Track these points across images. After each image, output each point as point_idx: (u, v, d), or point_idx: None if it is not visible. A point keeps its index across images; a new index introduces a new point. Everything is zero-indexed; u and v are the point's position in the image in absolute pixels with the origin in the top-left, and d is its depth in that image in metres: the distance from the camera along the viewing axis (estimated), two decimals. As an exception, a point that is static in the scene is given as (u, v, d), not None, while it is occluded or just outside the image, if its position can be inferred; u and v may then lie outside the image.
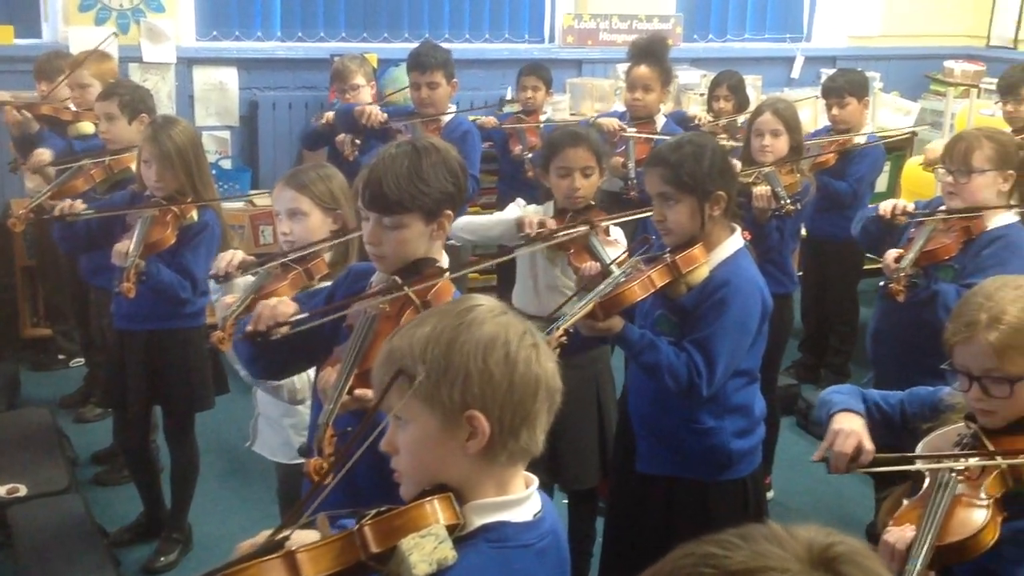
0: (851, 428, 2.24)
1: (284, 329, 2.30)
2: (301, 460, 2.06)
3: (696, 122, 5.45)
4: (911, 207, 3.53)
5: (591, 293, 2.80)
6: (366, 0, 6.73)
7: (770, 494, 4.25)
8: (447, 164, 2.30)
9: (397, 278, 2.27)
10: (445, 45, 5.30)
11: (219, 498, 4.23)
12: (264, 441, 3.23)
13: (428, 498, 1.52)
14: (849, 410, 2.29)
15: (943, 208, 3.41)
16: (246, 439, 3.33)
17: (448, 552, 1.47)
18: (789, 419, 4.88)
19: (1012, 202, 3.36)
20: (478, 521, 1.54)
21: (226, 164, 6.26)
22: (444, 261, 2.36)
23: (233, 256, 2.90)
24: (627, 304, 2.77)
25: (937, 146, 4.91)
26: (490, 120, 5.62)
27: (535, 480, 1.62)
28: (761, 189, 4.19)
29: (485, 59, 6.82)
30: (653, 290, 2.78)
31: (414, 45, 5.04)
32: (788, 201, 4.17)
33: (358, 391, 2.10)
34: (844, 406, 2.29)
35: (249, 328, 2.33)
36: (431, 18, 6.87)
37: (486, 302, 1.60)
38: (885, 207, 3.53)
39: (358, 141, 4.96)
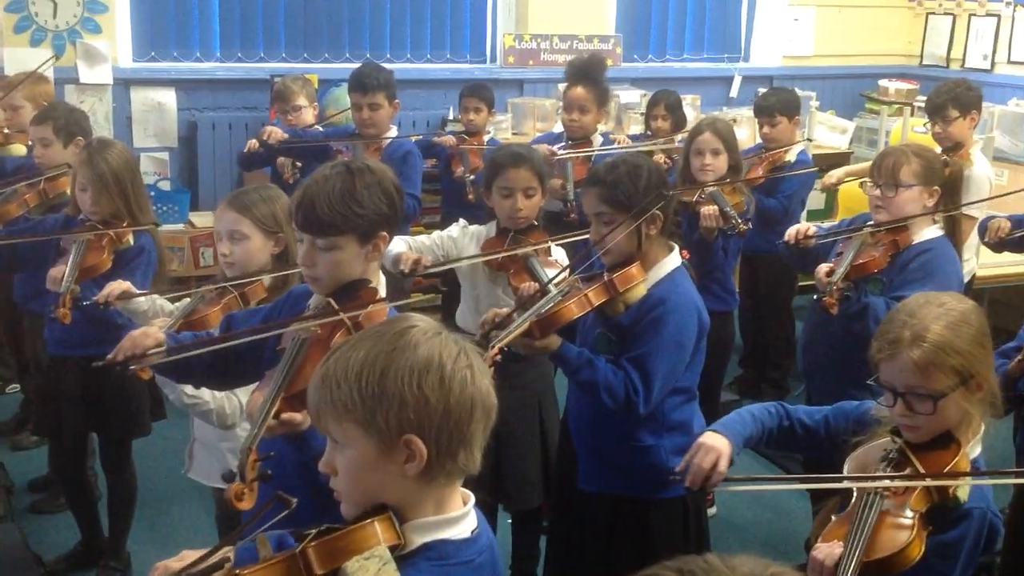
0: (713, 445, 2.29)
1: (146, 361, 2.29)
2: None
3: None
4: (813, 230, 3.62)
5: (528, 311, 2.81)
6: (307, 20, 6.71)
7: (712, 510, 4.27)
8: (382, 185, 2.29)
9: (332, 301, 2.25)
10: (387, 65, 5.30)
11: (158, 525, 4.17)
12: (201, 466, 3.20)
13: (369, 519, 1.52)
14: (718, 431, 2.33)
15: (871, 224, 3.47)
16: (184, 465, 3.28)
17: (392, 573, 1.48)
18: (731, 435, 4.91)
19: (935, 218, 3.44)
20: (419, 540, 1.54)
21: (165, 186, 6.20)
22: (380, 282, 2.35)
23: (114, 288, 2.96)
24: (563, 322, 2.79)
25: (837, 172, 5.06)
26: (449, 139, 5.61)
27: (472, 497, 1.63)
28: (709, 208, 4.24)
29: (427, 79, 6.84)
30: (590, 308, 2.80)
31: (355, 65, 5.03)
32: (740, 220, 4.23)
33: (285, 415, 2.08)
34: (716, 426, 2.34)
35: (109, 356, 2.32)
36: (372, 38, 6.87)
37: (420, 322, 1.59)
38: (789, 234, 3.64)
39: (299, 164, 4.93)
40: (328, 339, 2.19)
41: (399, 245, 3.39)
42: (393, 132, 4.79)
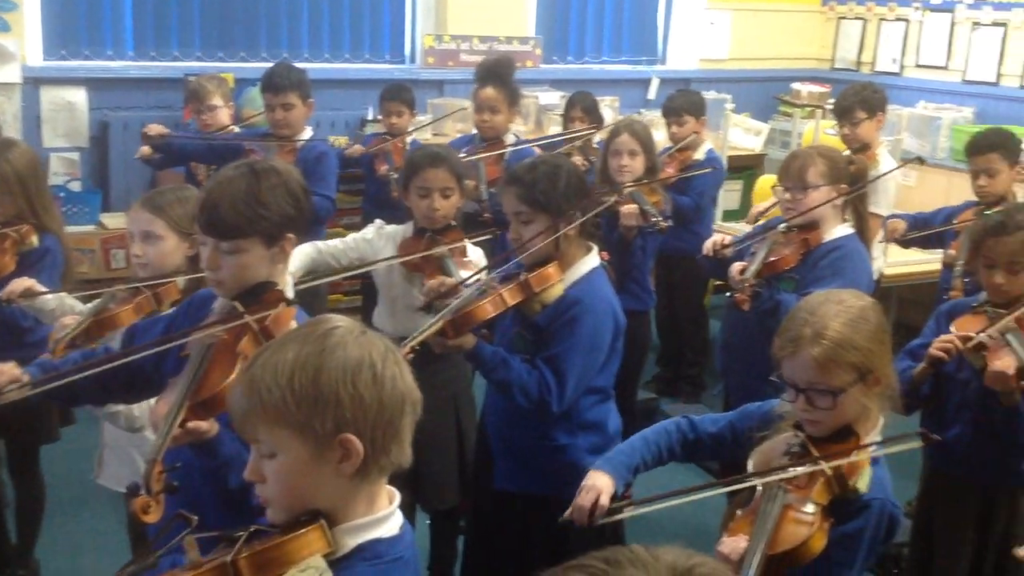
0: (593, 484, 2.34)
1: (12, 395, 2.23)
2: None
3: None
4: (728, 239, 3.67)
5: (444, 311, 2.81)
6: (222, 18, 6.63)
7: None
8: (287, 186, 2.26)
9: (237, 304, 2.22)
10: (304, 65, 5.25)
11: (68, 532, 4.08)
12: (111, 472, 3.14)
13: (302, 530, 1.51)
14: (599, 469, 2.39)
15: (783, 226, 3.53)
16: (94, 471, 3.22)
17: None
18: (649, 433, 4.96)
19: (845, 216, 3.51)
20: (352, 543, 1.55)
21: (75, 187, 6.06)
22: (287, 284, 2.33)
23: (16, 285, 2.90)
24: (477, 322, 2.79)
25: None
26: (357, 149, 5.59)
27: (397, 495, 1.64)
28: (629, 208, 4.28)
29: (346, 79, 6.80)
30: (504, 308, 2.82)
31: (272, 64, 4.98)
32: (660, 219, 4.28)
33: (191, 424, 2.04)
34: (601, 466, 2.40)
35: None
36: (290, 37, 6.81)
37: (343, 323, 1.59)
38: (707, 247, 3.67)
39: (212, 165, 4.87)
40: (234, 344, 2.16)
41: (308, 250, 3.36)
42: (308, 133, 4.75)
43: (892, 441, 2.21)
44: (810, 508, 2.10)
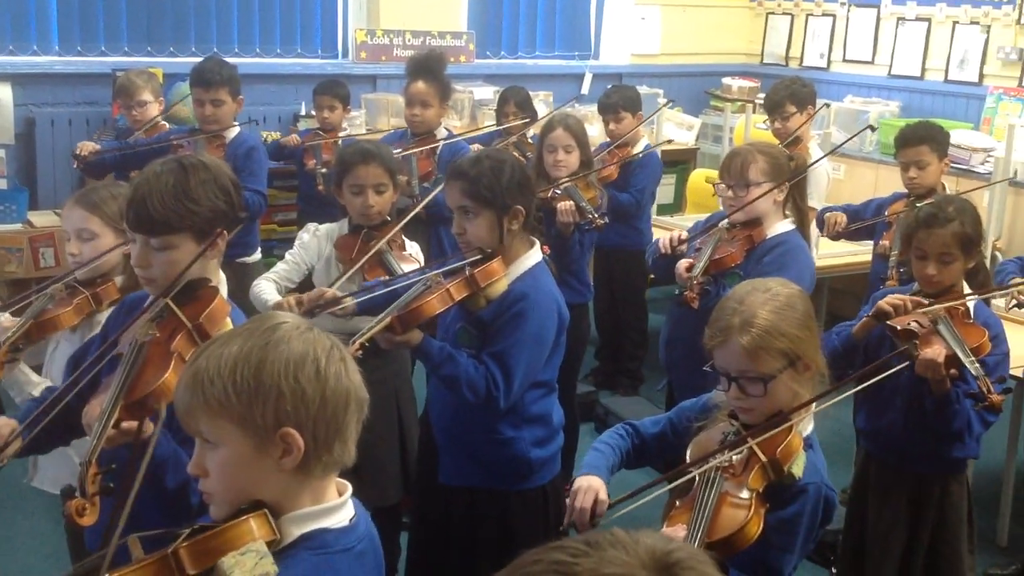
0: (588, 485, 2.33)
1: (13, 448, 2.19)
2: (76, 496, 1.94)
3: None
4: (684, 235, 3.68)
5: (391, 307, 2.80)
6: (150, 12, 6.51)
7: (571, 500, 4.33)
8: (217, 181, 2.23)
9: (170, 302, 2.17)
10: (235, 60, 5.19)
11: (3, 536, 3.99)
12: (46, 475, 3.07)
13: (243, 517, 1.51)
14: (586, 473, 2.37)
15: (725, 222, 3.57)
16: (27, 474, 3.15)
17: (270, 567, 1.47)
18: (588, 425, 5.00)
19: (786, 212, 3.56)
20: (297, 531, 1.54)
21: (1, 184, 5.91)
22: (220, 281, 2.30)
23: None
24: (425, 317, 2.79)
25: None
26: (293, 139, 5.53)
27: (348, 487, 1.63)
28: (565, 204, 4.30)
29: (277, 74, 6.73)
30: (451, 303, 2.81)
31: (202, 59, 4.91)
32: (597, 215, 4.30)
33: (125, 424, 2.01)
34: (585, 471, 2.39)
35: None
36: (219, 32, 6.72)
37: (289, 319, 1.59)
38: (664, 244, 3.65)
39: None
40: (168, 342, 2.12)
41: (264, 288, 3.35)
42: (236, 128, 4.71)
43: (822, 397, 2.25)
44: (745, 494, 2.13)
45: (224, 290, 2.31)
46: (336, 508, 1.59)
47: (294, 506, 1.55)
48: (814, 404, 2.28)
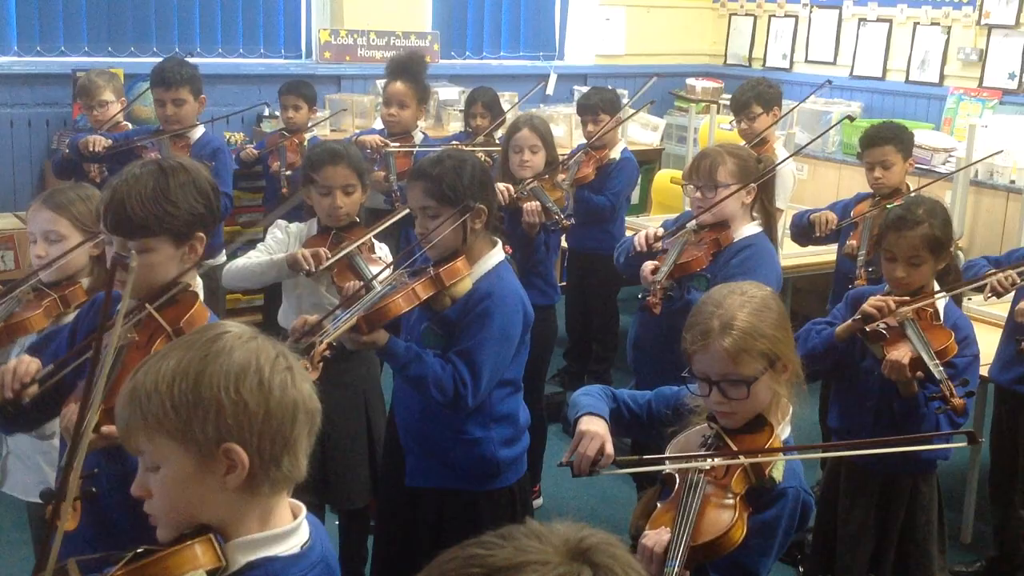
0: (595, 431, 2.28)
1: (32, 389, 2.15)
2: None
3: None
4: (660, 231, 3.65)
5: (355, 306, 2.78)
6: (110, 12, 6.43)
7: (538, 502, 4.33)
8: (196, 184, 2.21)
9: (148, 304, 2.16)
10: (196, 60, 5.14)
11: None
12: (16, 480, 3.02)
13: (187, 542, 1.44)
14: (593, 413, 2.33)
15: (692, 224, 3.57)
16: (-3, 478, 3.10)
17: None
18: (556, 426, 4.99)
19: (754, 214, 3.57)
20: (243, 559, 1.48)
21: (-41, 187, 5.83)
22: (198, 286, 2.27)
23: None
24: (391, 317, 2.77)
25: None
26: (251, 152, 5.49)
27: (303, 509, 1.58)
28: (531, 205, 4.29)
29: (240, 75, 6.67)
30: (417, 303, 2.80)
31: (163, 59, 4.87)
32: (563, 216, 4.29)
33: (105, 428, 1.97)
34: (588, 409, 2.34)
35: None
36: (181, 31, 6.65)
37: (234, 328, 1.53)
38: (640, 242, 3.62)
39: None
40: (147, 346, 2.11)
41: (253, 256, 3.34)
42: (200, 129, 4.67)
43: (808, 448, 2.25)
44: (730, 498, 2.12)
45: (202, 294, 2.29)
46: (287, 534, 1.52)
47: (242, 529, 1.49)
48: (790, 408, 2.28)
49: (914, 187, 4.53)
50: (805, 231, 4.48)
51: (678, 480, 2.18)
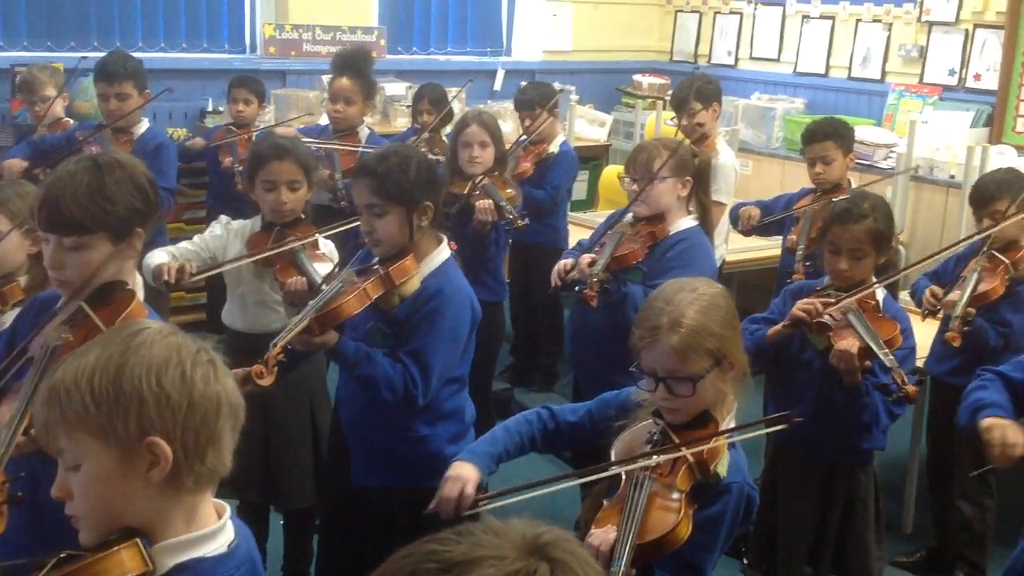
0: (458, 475, 2.31)
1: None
2: None
3: None
4: (571, 262, 3.64)
5: (307, 307, 2.76)
6: (50, 6, 6.32)
7: (486, 497, 4.32)
8: (134, 180, 2.18)
9: (84, 305, 2.12)
10: (140, 55, 5.08)
11: None
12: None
13: (113, 548, 1.42)
14: (463, 460, 2.36)
15: (629, 217, 3.60)
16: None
17: None
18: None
19: (690, 208, 3.60)
20: (171, 562, 1.46)
21: None
22: (137, 284, 2.24)
23: None
24: (344, 317, 2.76)
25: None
26: (198, 142, 5.43)
27: (227, 509, 1.57)
28: (484, 203, 4.28)
29: (184, 69, 6.59)
30: (368, 302, 2.79)
31: (104, 54, 4.80)
32: (517, 216, 4.30)
33: (34, 431, 1.95)
34: (461, 456, 2.38)
35: None
36: (122, 26, 6.56)
37: (153, 325, 1.52)
38: (554, 280, 3.64)
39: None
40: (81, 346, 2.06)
41: (160, 256, 3.26)
42: (144, 124, 4.62)
43: (751, 426, 2.27)
44: (675, 495, 2.13)
45: (141, 293, 2.26)
46: (214, 534, 1.51)
47: (167, 529, 1.47)
48: (734, 404, 2.30)
49: (856, 182, 4.60)
50: (734, 222, 4.61)
51: (624, 477, 2.19)
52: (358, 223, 2.94)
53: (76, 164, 2.17)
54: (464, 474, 2.31)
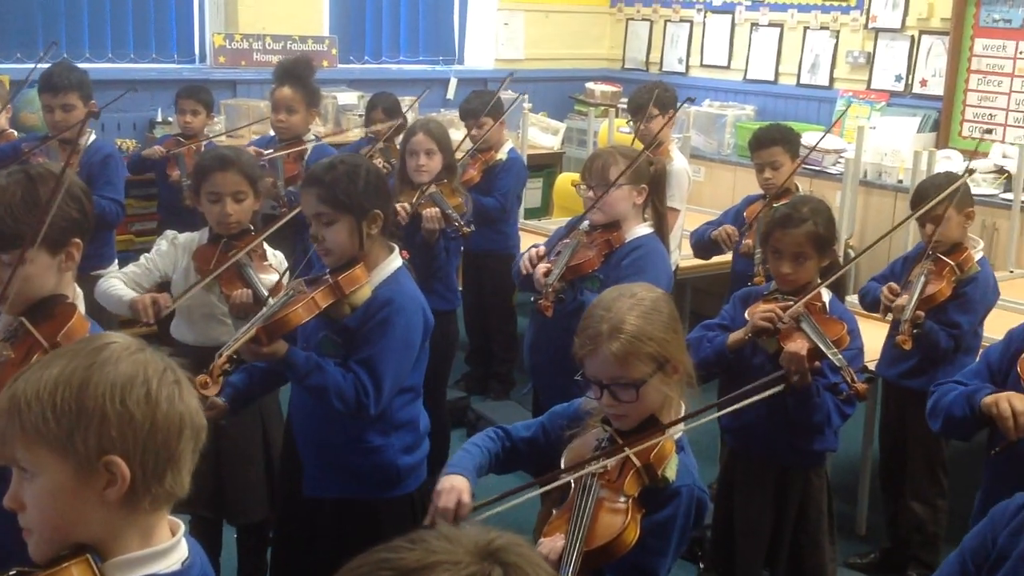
0: (451, 485, 2.28)
1: None
2: None
3: None
4: (543, 249, 3.63)
5: (255, 317, 2.73)
6: (-6, 17, 6.24)
7: (443, 507, 4.30)
8: (69, 190, 2.14)
9: (25, 320, 2.08)
10: (86, 66, 5.02)
11: None
12: None
13: (63, 564, 1.39)
14: (451, 473, 2.33)
15: (585, 224, 3.60)
16: None
17: None
18: (459, 431, 4.98)
19: (645, 216, 3.61)
20: None
21: None
22: (77, 296, 2.20)
23: None
24: (292, 327, 2.74)
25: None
26: (156, 150, 5.37)
27: (181, 526, 1.54)
28: (431, 211, 4.27)
29: (131, 80, 6.50)
30: (317, 312, 2.76)
31: (50, 64, 4.74)
32: (463, 224, 4.28)
33: None
34: (449, 470, 2.34)
35: None
36: (69, 36, 6.47)
37: (119, 339, 1.49)
38: (525, 265, 3.59)
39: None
40: (23, 362, 2.02)
41: (116, 284, 3.21)
42: (91, 135, 4.57)
43: (691, 416, 2.27)
44: (622, 500, 2.12)
45: (82, 305, 2.22)
46: (167, 551, 1.48)
47: (121, 546, 1.44)
48: (683, 408, 2.30)
49: (805, 188, 4.64)
50: (708, 248, 4.58)
51: (573, 485, 2.19)
52: (297, 212, 2.91)
53: (7, 177, 2.14)
54: (457, 484, 2.28)
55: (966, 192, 3.81)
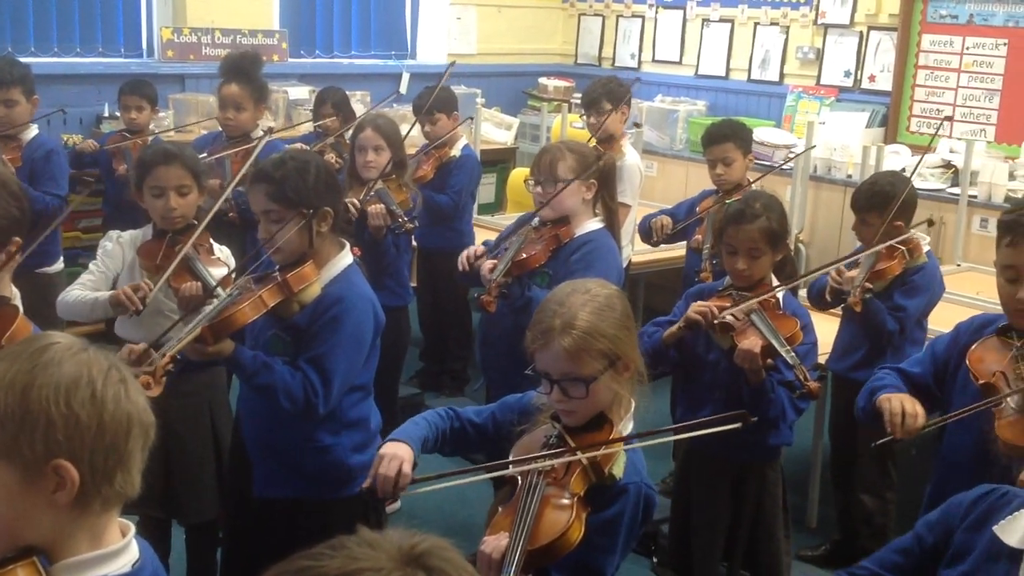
0: (394, 452, 2.26)
1: None
2: None
3: None
4: (481, 248, 3.64)
5: (200, 316, 2.69)
6: (-65, 10, 6.11)
7: (395, 506, 4.28)
8: (7, 188, 2.11)
9: None
10: (31, 60, 4.93)
11: None
12: None
13: (9, 567, 1.36)
14: (395, 439, 2.31)
15: (535, 220, 3.59)
16: None
17: None
18: (413, 428, 4.95)
19: (596, 211, 3.60)
20: None
21: None
22: (15, 296, 2.16)
23: None
24: (238, 326, 2.70)
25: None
26: (89, 144, 5.28)
27: (131, 528, 1.51)
28: (376, 207, 4.24)
29: (78, 74, 6.41)
30: (264, 310, 2.73)
31: (-7, 59, 4.66)
32: (406, 220, 4.26)
33: None
34: (393, 436, 2.32)
35: None
36: (13, 29, 6.35)
37: (62, 339, 1.46)
38: (463, 263, 3.63)
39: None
40: None
41: (80, 293, 3.18)
42: (34, 130, 4.49)
43: (649, 435, 2.27)
44: (567, 498, 2.11)
45: (21, 305, 2.17)
46: (117, 552, 1.46)
47: (70, 549, 1.42)
48: (632, 405, 2.29)
49: (756, 183, 4.66)
50: (647, 233, 4.64)
51: (519, 482, 2.17)
52: (239, 193, 2.86)
53: None
54: (400, 453, 2.25)
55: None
